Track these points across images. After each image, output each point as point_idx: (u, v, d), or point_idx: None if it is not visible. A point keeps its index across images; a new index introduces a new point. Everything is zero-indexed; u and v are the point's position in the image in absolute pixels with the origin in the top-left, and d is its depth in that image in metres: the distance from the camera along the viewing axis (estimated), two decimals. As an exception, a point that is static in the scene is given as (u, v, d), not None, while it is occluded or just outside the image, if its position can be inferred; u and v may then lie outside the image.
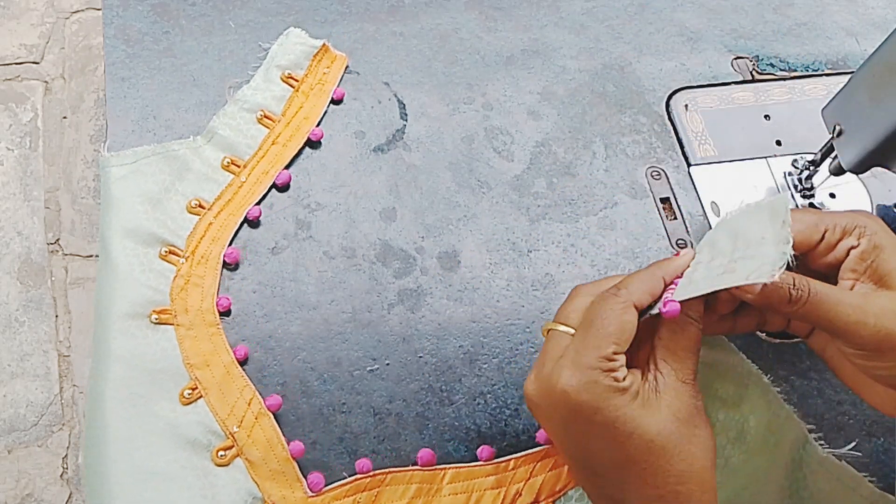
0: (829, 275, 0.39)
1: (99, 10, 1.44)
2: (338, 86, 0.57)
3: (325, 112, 0.56)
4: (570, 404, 0.36)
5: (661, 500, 0.36)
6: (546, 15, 0.62)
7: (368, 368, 0.48)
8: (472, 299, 0.51)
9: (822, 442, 0.45)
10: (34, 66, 1.42)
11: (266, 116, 0.54)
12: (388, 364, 0.48)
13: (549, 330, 0.39)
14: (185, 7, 0.59)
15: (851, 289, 0.37)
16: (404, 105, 0.57)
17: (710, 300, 0.39)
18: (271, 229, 0.52)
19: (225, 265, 0.50)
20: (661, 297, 0.38)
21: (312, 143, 0.55)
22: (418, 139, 0.56)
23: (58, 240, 1.29)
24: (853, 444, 0.47)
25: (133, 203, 0.50)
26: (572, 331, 0.38)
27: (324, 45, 0.57)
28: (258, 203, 0.52)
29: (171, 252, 0.49)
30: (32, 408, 1.17)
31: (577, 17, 0.63)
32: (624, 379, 0.36)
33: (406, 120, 0.57)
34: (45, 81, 1.40)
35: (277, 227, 0.52)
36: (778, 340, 0.51)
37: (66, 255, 1.28)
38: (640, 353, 0.39)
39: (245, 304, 0.49)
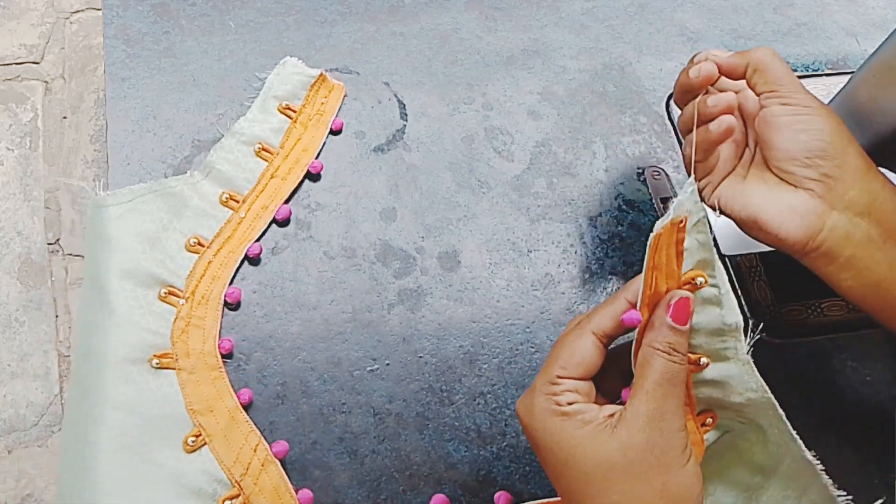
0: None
1: (99, 10, 1.44)
2: (336, 116, 0.56)
3: (324, 143, 0.55)
4: (523, 425, 0.37)
5: None
6: (546, 15, 0.62)
7: (368, 368, 0.48)
8: (472, 299, 0.51)
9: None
10: (34, 66, 1.42)
11: (264, 149, 0.53)
12: (388, 364, 0.48)
13: None
14: (185, 7, 0.59)
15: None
16: (404, 105, 0.57)
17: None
18: (271, 229, 0.52)
19: (226, 305, 0.49)
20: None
21: (312, 176, 0.54)
22: (418, 139, 0.56)
23: (58, 240, 1.29)
24: (882, 500, 0.46)
25: (132, 243, 0.48)
26: None
27: (321, 74, 0.56)
28: (258, 239, 0.51)
29: (170, 293, 0.47)
30: (32, 408, 1.17)
31: (578, 17, 0.63)
32: (569, 404, 0.36)
33: (406, 120, 0.57)
34: (45, 81, 1.40)
35: (277, 227, 0.52)
36: (778, 340, 0.51)
37: (66, 255, 1.28)
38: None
39: (245, 304, 0.49)
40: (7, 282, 1.25)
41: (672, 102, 0.59)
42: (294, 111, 0.55)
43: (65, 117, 1.38)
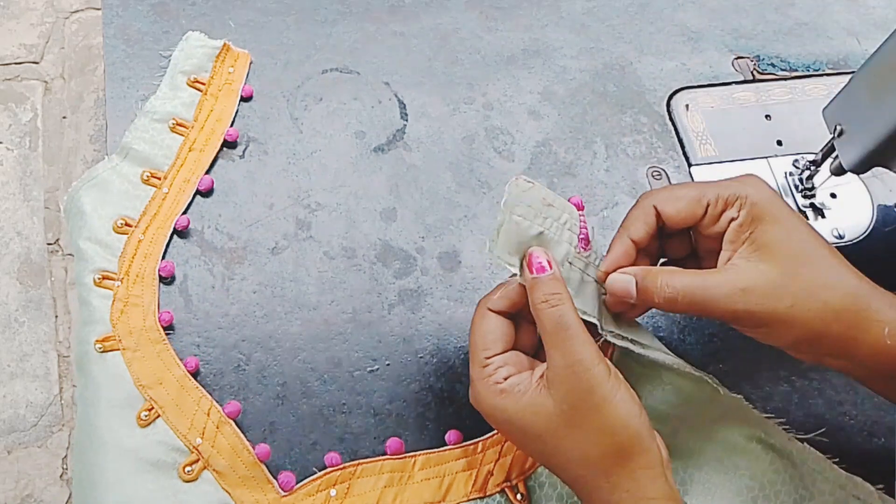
0: (717, 245, 0.41)
1: (99, 10, 1.43)
2: (245, 83, 0.56)
3: (237, 112, 0.55)
4: (483, 413, 0.40)
5: (576, 483, 0.38)
6: (546, 15, 0.62)
7: (369, 369, 0.48)
8: (473, 300, 0.51)
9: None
10: (34, 66, 1.41)
11: (179, 124, 0.53)
12: (388, 364, 0.48)
13: None
14: (185, 7, 0.59)
15: (728, 261, 0.39)
16: (404, 105, 0.57)
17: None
18: (271, 229, 0.52)
19: (161, 279, 0.49)
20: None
21: (229, 144, 0.54)
22: (418, 139, 0.56)
23: (57, 240, 1.29)
24: (822, 430, 0.47)
25: (78, 240, 0.49)
26: None
27: (225, 44, 0.56)
28: (184, 212, 0.51)
29: (105, 277, 0.48)
30: (32, 408, 1.17)
31: (578, 16, 0.62)
32: (505, 379, 0.39)
33: (406, 120, 0.57)
34: (45, 81, 1.40)
35: (277, 227, 0.52)
36: (779, 341, 0.51)
37: (65, 255, 1.28)
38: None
39: (245, 304, 0.49)
40: (7, 282, 1.24)
41: (672, 102, 0.59)
42: (203, 83, 0.55)
43: (64, 117, 1.38)
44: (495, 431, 0.46)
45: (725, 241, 0.40)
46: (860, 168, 0.47)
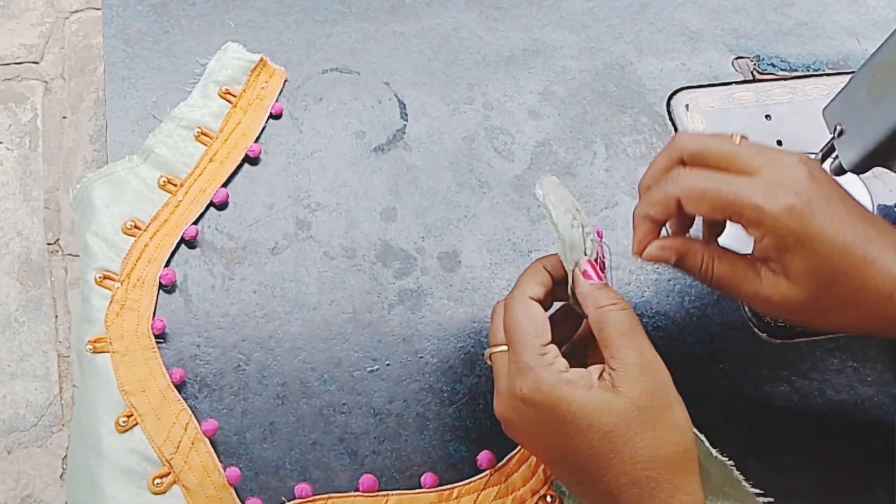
0: None
1: (99, 9, 1.43)
2: (276, 100, 0.56)
3: (264, 128, 0.55)
4: (533, 407, 0.37)
5: (636, 485, 0.36)
6: (546, 15, 0.62)
7: (369, 369, 0.48)
8: (473, 299, 0.51)
9: None
10: (34, 65, 1.41)
11: (203, 133, 0.53)
12: (388, 364, 0.48)
13: (490, 356, 0.41)
14: (185, 7, 0.59)
15: (759, 263, 0.39)
16: (404, 105, 0.57)
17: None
18: (271, 229, 0.52)
19: (161, 287, 0.49)
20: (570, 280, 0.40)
21: (251, 160, 0.54)
22: (418, 139, 0.56)
23: (57, 240, 1.29)
24: None
25: (85, 234, 0.49)
26: (506, 347, 0.40)
27: (261, 59, 0.56)
28: (195, 222, 0.51)
29: (106, 276, 0.48)
30: (32, 408, 1.17)
31: (578, 16, 0.62)
32: (567, 370, 0.37)
33: (406, 120, 0.57)
34: (45, 81, 1.40)
35: (277, 227, 0.52)
36: (779, 340, 0.51)
37: (65, 255, 1.28)
38: (593, 355, 0.40)
39: (245, 304, 0.49)
40: (7, 282, 1.25)
41: (672, 102, 0.59)
42: (234, 96, 0.55)
43: (64, 117, 1.38)
44: (471, 479, 0.45)
45: (754, 250, 0.39)
46: (860, 168, 0.47)
